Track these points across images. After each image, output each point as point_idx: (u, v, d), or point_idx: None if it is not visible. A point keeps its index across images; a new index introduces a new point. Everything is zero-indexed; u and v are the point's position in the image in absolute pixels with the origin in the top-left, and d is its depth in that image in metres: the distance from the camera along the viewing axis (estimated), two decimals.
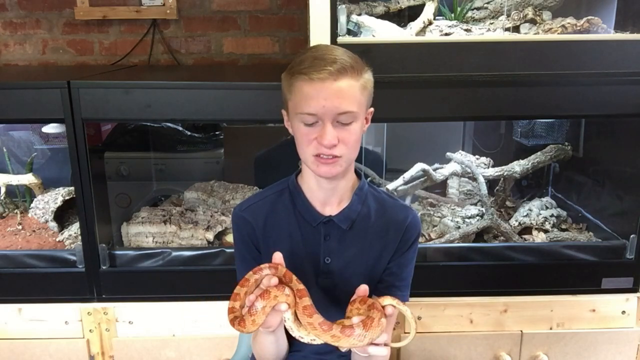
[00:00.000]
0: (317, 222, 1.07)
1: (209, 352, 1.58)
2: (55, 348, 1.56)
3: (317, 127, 0.96)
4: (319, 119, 0.96)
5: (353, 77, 0.96)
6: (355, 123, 0.98)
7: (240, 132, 2.10)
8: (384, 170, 1.90)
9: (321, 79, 0.93)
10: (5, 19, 2.06)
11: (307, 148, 0.99)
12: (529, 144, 1.97)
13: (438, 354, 1.58)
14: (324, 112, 0.94)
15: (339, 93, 0.94)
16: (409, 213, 1.11)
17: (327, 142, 0.95)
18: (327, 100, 0.93)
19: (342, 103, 0.94)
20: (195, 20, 2.07)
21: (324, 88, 0.93)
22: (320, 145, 0.96)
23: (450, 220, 1.75)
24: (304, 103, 0.95)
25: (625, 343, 1.60)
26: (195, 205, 1.81)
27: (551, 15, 1.52)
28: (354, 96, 0.96)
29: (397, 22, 1.54)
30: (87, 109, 1.41)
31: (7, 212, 1.87)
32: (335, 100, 0.94)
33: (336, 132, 0.96)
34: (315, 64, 0.94)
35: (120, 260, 1.56)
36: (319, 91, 0.93)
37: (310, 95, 0.94)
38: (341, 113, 0.95)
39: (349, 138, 0.97)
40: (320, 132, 0.96)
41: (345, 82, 0.94)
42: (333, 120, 0.95)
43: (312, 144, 0.97)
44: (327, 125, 0.95)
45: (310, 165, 1.01)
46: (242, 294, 0.92)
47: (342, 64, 0.94)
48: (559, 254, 1.59)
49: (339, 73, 0.94)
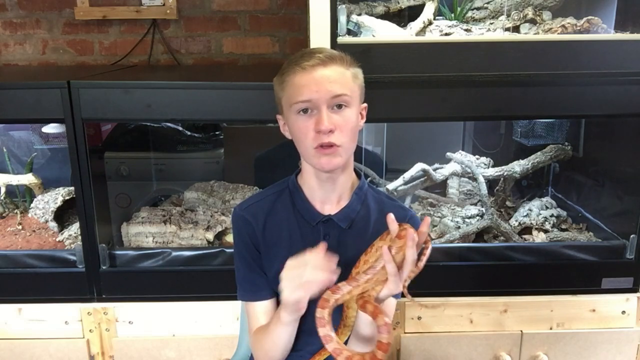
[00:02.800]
0: (316, 221, 1.07)
1: (209, 352, 1.58)
2: (55, 348, 1.56)
3: (313, 116, 0.98)
4: (313, 106, 0.97)
5: (343, 65, 0.99)
6: (350, 109, 0.99)
7: (240, 132, 2.10)
8: (384, 170, 1.90)
9: (311, 65, 0.96)
10: (5, 19, 2.06)
11: (306, 140, 0.99)
12: (529, 144, 1.97)
13: (438, 354, 1.58)
14: (318, 97, 0.96)
15: (331, 77, 0.97)
16: (408, 213, 1.11)
17: (325, 127, 0.96)
18: (320, 85, 0.96)
19: (334, 86, 0.96)
20: (195, 20, 2.07)
21: (315, 74, 0.96)
22: (318, 133, 0.97)
23: (450, 220, 1.75)
24: (298, 92, 0.97)
25: (625, 343, 1.60)
26: (195, 205, 1.81)
27: (551, 15, 1.52)
28: (345, 81, 0.99)
29: (397, 22, 1.54)
30: (87, 109, 1.42)
31: (7, 212, 1.87)
32: (328, 84, 0.96)
33: (332, 118, 0.98)
34: (305, 56, 0.98)
35: (120, 260, 1.56)
36: (310, 78, 0.96)
37: (302, 83, 0.97)
38: (335, 96, 0.97)
39: (345, 125, 0.99)
40: (316, 119, 0.97)
41: (335, 68, 0.98)
42: (328, 105, 0.97)
43: (310, 134, 0.99)
44: (322, 110, 0.97)
45: (312, 159, 1.01)
46: (326, 316, 0.89)
47: (330, 53, 0.99)
48: (559, 254, 1.59)
49: (329, 59, 0.97)
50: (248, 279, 1.12)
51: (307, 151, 1.01)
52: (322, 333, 0.87)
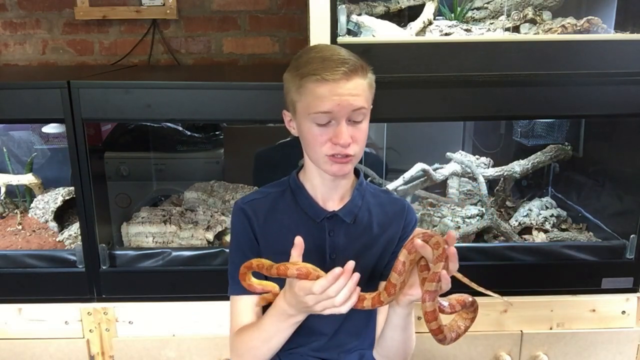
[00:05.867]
0: (321, 217, 1.09)
1: (209, 352, 1.58)
2: (55, 348, 1.56)
3: (330, 127, 0.99)
4: (333, 118, 0.98)
5: (362, 76, 0.99)
6: (365, 120, 1.02)
7: (240, 132, 2.10)
8: (384, 170, 1.90)
9: (335, 79, 0.95)
10: (5, 19, 2.07)
11: (320, 149, 1.00)
12: (529, 144, 1.97)
13: (438, 354, 1.58)
14: (339, 110, 0.97)
15: (352, 91, 0.97)
16: (404, 202, 1.18)
17: (344, 141, 0.97)
18: (342, 100, 0.96)
19: (355, 100, 0.97)
20: (195, 20, 2.07)
21: (338, 87, 0.96)
22: (335, 145, 0.98)
23: (450, 220, 1.75)
24: (318, 103, 0.97)
25: (625, 343, 1.60)
26: (195, 205, 1.81)
27: (551, 15, 1.52)
28: (364, 93, 0.99)
29: (397, 22, 1.54)
30: (87, 109, 1.41)
31: (7, 212, 1.87)
32: (350, 98, 0.96)
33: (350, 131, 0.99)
34: (327, 65, 0.97)
35: (120, 260, 1.56)
36: (332, 91, 0.96)
37: (324, 95, 0.96)
38: (355, 110, 0.98)
39: (360, 136, 1.01)
40: (334, 132, 0.98)
41: (356, 81, 0.98)
42: (347, 118, 0.98)
43: (326, 144, 0.99)
44: (342, 123, 0.98)
45: (323, 165, 1.03)
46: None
47: (353, 65, 0.97)
48: (559, 254, 1.59)
49: (351, 72, 0.97)
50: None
51: (319, 156, 1.02)
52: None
